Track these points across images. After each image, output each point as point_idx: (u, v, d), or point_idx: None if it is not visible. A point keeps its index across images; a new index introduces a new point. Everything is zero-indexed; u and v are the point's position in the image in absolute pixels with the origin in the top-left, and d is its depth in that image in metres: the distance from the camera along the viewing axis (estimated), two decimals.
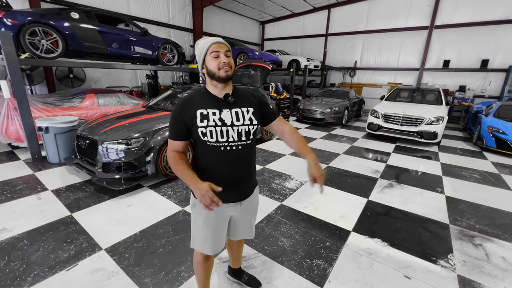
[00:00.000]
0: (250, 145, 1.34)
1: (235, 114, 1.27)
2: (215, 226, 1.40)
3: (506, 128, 5.66)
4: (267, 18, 14.78)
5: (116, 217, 2.74)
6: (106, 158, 3.26)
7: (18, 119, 4.15)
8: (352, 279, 2.02)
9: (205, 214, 1.36)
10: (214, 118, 1.23)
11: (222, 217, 1.41)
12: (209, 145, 1.25)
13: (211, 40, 1.24)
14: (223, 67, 1.21)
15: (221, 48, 1.23)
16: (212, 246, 1.42)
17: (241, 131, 1.28)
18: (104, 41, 5.17)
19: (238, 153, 1.29)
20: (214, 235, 1.41)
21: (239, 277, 1.91)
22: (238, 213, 1.45)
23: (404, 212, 3.08)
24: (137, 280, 1.91)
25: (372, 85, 12.32)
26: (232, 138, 1.26)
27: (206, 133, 1.23)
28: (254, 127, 1.33)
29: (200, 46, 1.26)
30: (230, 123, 1.25)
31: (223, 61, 1.21)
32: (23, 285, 1.83)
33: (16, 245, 2.24)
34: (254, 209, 1.56)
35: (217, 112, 1.25)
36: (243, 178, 1.39)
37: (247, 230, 1.59)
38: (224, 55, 1.22)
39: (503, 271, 2.17)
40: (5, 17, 3.99)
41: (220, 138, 1.24)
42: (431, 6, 10.28)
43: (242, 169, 1.36)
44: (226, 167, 1.30)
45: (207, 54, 1.24)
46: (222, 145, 1.25)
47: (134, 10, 9.10)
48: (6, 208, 2.82)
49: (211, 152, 1.27)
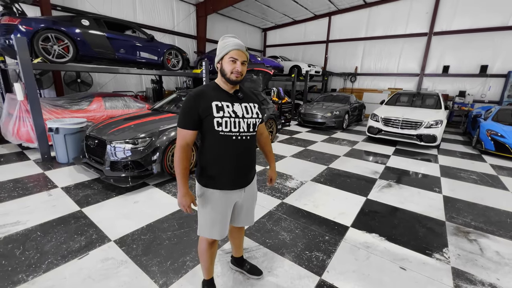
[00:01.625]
0: (255, 136, 1.54)
1: (244, 108, 1.44)
2: (223, 211, 1.51)
3: (505, 132, 5.74)
4: (269, 25, 15.10)
5: (123, 212, 2.86)
6: (114, 157, 3.40)
7: (29, 120, 4.33)
8: (350, 269, 2.11)
9: (214, 200, 1.48)
10: (228, 110, 1.38)
11: (229, 203, 1.53)
12: (222, 134, 1.37)
13: (234, 45, 1.34)
14: (235, 73, 1.36)
15: (239, 56, 1.36)
16: (220, 231, 1.53)
17: (250, 123, 1.44)
18: (113, 46, 5.38)
19: (246, 143, 1.45)
20: (221, 220, 1.52)
21: (241, 266, 2.01)
22: (242, 199, 1.58)
23: (402, 210, 3.17)
24: (145, 269, 2.02)
25: (373, 90, 12.47)
26: (243, 128, 1.41)
27: (222, 123, 1.35)
28: (260, 120, 1.52)
29: (224, 44, 1.36)
30: (241, 115, 1.41)
31: (237, 69, 1.36)
32: (38, 271, 1.95)
33: (30, 236, 2.36)
34: (255, 195, 1.70)
35: (230, 105, 1.40)
36: (248, 166, 1.53)
37: (248, 216, 1.70)
38: (240, 63, 1.36)
39: (496, 264, 2.25)
40: (21, 24, 4.21)
41: (233, 128, 1.38)
42: (429, 14, 10.49)
43: (249, 157, 1.51)
44: (236, 154, 1.43)
45: (226, 55, 1.36)
46: (234, 134, 1.39)
47: (140, 17, 9.40)
48: (19, 203, 2.95)
49: (222, 141, 1.39)
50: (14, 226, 2.51)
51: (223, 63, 1.38)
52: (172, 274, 1.97)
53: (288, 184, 3.83)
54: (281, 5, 11.93)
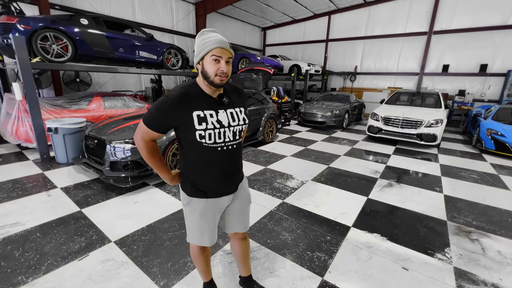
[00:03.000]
0: (241, 142, 1.41)
1: (230, 116, 1.29)
2: (212, 218, 1.42)
3: (505, 131, 5.74)
4: (269, 25, 15.07)
5: (123, 212, 2.84)
6: (114, 157, 3.37)
7: (28, 120, 4.30)
8: (352, 270, 2.10)
9: (201, 208, 1.37)
10: (212, 121, 1.22)
11: (217, 209, 1.44)
12: (205, 146, 1.24)
13: (216, 42, 1.15)
14: (220, 75, 1.18)
15: (224, 54, 1.18)
16: (209, 237, 1.45)
17: (236, 131, 1.31)
18: (112, 46, 5.35)
19: (232, 151, 1.33)
20: (211, 227, 1.43)
21: (249, 287, 1.82)
22: (232, 203, 1.49)
23: (403, 209, 3.16)
24: (146, 270, 2.00)
25: (373, 89, 12.46)
26: (228, 138, 1.29)
27: (205, 136, 1.21)
28: (246, 125, 1.38)
29: (204, 41, 1.17)
30: (227, 124, 1.26)
31: (222, 69, 1.17)
32: (38, 273, 1.93)
33: (30, 237, 2.34)
34: (247, 197, 1.57)
35: (214, 114, 1.23)
36: (235, 172, 1.43)
37: (241, 221, 1.57)
38: (224, 62, 1.18)
39: (498, 263, 2.24)
40: (19, 23, 4.17)
41: (217, 139, 1.25)
42: (429, 13, 10.48)
43: (235, 165, 1.41)
44: (221, 165, 1.32)
45: (208, 54, 1.17)
46: (219, 145, 1.27)
47: (139, 16, 9.36)
48: (18, 204, 2.93)
49: (205, 152, 1.27)
50: (13, 227, 2.49)
51: (205, 64, 1.18)
52: (173, 276, 1.96)
53: (288, 183, 3.82)
54: (281, 4, 11.90)
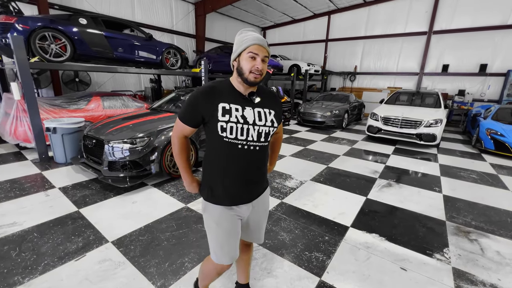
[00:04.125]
0: (267, 146, 1.33)
1: (257, 114, 1.24)
2: (229, 229, 1.32)
3: (504, 131, 5.73)
4: (268, 24, 15.06)
5: (121, 212, 2.83)
6: (112, 157, 3.36)
7: (26, 120, 4.30)
8: (350, 270, 2.09)
9: (218, 216, 1.30)
10: (237, 115, 1.19)
11: (234, 220, 1.33)
12: (226, 141, 1.20)
13: (254, 39, 1.15)
14: (255, 72, 1.16)
15: (261, 52, 1.16)
16: (229, 253, 1.34)
17: (262, 131, 1.24)
18: (111, 45, 5.34)
19: (254, 153, 1.26)
20: (229, 240, 1.32)
21: None
22: (250, 215, 1.39)
23: (402, 209, 3.15)
24: (143, 270, 1.99)
25: (372, 89, 12.46)
26: (252, 137, 1.22)
27: (226, 128, 1.17)
28: (274, 129, 1.30)
29: (242, 39, 1.18)
30: (252, 121, 1.21)
31: (257, 66, 1.16)
32: (35, 273, 1.92)
33: (27, 238, 2.33)
34: (265, 211, 1.48)
35: (240, 109, 1.20)
36: (256, 179, 1.35)
37: (257, 233, 1.49)
38: (261, 59, 1.16)
39: (497, 264, 2.23)
40: (17, 22, 4.17)
41: (239, 135, 1.20)
42: (429, 12, 10.48)
43: (257, 170, 1.32)
44: (241, 166, 1.26)
45: (244, 50, 1.17)
46: (240, 143, 1.21)
47: (139, 16, 9.35)
48: (15, 204, 2.92)
49: (226, 149, 1.22)
50: (10, 227, 2.48)
51: (241, 61, 1.18)
52: (170, 276, 1.95)
53: (287, 183, 3.81)
54: (281, 4, 11.90)
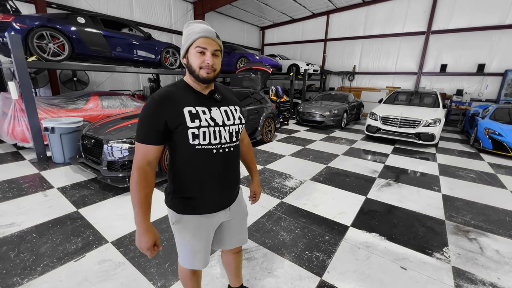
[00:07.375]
0: (238, 146, 1.26)
1: (224, 113, 1.16)
2: (206, 237, 1.26)
3: (502, 130, 5.76)
4: (267, 24, 15.05)
5: (121, 212, 2.82)
6: (111, 157, 3.35)
7: (24, 120, 4.26)
8: (350, 269, 2.09)
9: (194, 226, 1.20)
10: (206, 117, 1.09)
11: (211, 227, 1.27)
12: (199, 148, 1.09)
13: (200, 31, 1.03)
14: (205, 68, 1.05)
15: (209, 45, 1.04)
16: (203, 259, 1.29)
17: (232, 131, 1.17)
18: (109, 44, 5.31)
19: (229, 156, 1.18)
20: (205, 247, 1.27)
21: None
22: (228, 218, 1.32)
23: (401, 209, 3.16)
24: (143, 270, 1.99)
25: (371, 89, 12.48)
26: (225, 139, 1.14)
27: (199, 135, 1.07)
28: (243, 125, 1.23)
29: (187, 32, 1.07)
30: (221, 122, 1.13)
31: (207, 61, 1.04)
32: (34, 274, 1.91)
33: (25, 238, 2.31)
34: (243, 210, 1.43)
35: (207, 111, 1.11)
36: (232, 182, 1.27)
37: (240, 235, 1.44)
38: (210, 53, 1.05)
39: (496, 263, 2.24)
40: (15, 21, 4.13)
41: (213, 140, 1.10)
42: (427, 12, 10.51)
43: (232, 173, 1.24)
44: (219, 172, 1.17)
45: (192, 45, 1.05)
46: (214, 147, 1.12)
47: (137, 15, 9.30)
48: (13, 204, 2.90)
49: (200, 157, 1.11)
50: (8, 227, 2.46)
51: (189, 57, 1.07)
52: (170, 276, 1.94)
53: (287, 183, 3.81)
54: (279, 4, 11.89)
